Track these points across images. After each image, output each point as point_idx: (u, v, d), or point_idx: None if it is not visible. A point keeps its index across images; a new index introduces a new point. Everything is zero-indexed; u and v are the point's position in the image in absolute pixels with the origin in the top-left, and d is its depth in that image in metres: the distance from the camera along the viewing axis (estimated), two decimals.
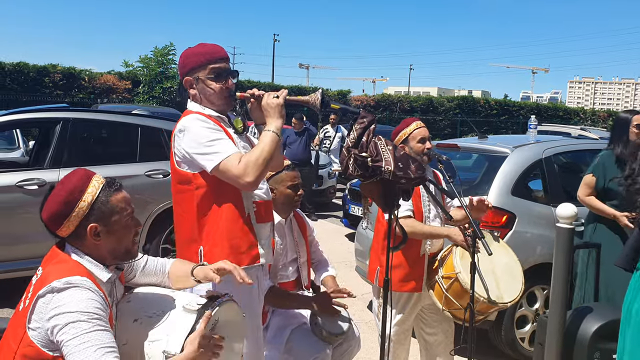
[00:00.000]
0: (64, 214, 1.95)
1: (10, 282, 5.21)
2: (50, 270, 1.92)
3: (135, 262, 2.27)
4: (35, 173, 5.32)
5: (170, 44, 21.89)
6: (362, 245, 5.48)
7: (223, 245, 2.46)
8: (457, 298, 3.17)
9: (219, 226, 2.46)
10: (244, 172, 2.35)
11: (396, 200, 2.66)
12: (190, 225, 2.51)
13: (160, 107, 16.92)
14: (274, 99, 2.47)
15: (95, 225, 1.97)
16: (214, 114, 2.55)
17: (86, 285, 1.85)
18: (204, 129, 2.43)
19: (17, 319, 1.92)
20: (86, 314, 1.78)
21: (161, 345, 1.96)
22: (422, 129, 3.39)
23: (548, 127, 13.95)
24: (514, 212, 4.46)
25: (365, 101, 26.99)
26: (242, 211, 2.50)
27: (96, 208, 1.97)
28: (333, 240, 8.43)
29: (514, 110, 29.09)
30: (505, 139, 6.04)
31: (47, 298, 1.82)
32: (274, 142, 2.44)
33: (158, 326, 2.02)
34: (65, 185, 1.99)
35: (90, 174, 2.03)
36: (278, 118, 2.47)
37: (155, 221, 5.82)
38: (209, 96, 2.56)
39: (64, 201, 1.95)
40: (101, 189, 1.99)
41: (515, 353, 4.48)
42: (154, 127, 6.11)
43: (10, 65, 19.20)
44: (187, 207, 2.51)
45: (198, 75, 2.54)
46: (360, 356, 4.00)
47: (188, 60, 2.57)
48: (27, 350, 1.84)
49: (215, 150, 2.39)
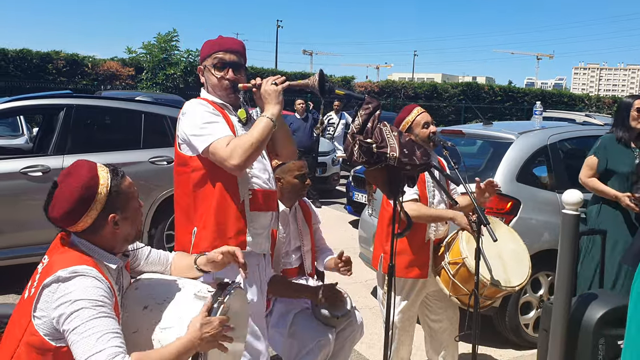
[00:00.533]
0: (82, 210, 1.93)
1: (14, 268, 5.24)
2: (56, 259, 1.91)
3: (140, 250, 2.28)
4: (39, 160, 5.32)
5: (173, 30, 21.87)
6: (365, 232, 5.48)
7: (212, 228, 2.50)
8: (464, 283, 3.16)
9: (210, 208, 2.51)
10: (230, 155, 2.38)
11: (401, 187, 2.65)
12: (187, 205, 2.58)
13: (164, 94, 16.90)
14: (272, 86, 2.49)
15: (114, 214, 1.97)
16: (218, 102, 2.61)
17: (92, 274, 1.85)
18: (201, 112, 2.50)
19: (22, 308, 1.92)
20: (90, 302, 1.78)
21: (174, 332, 1.96)
22: (423, 114, 3.37)
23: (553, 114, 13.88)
24: (519, 198, 4.45)
25: (369, 87, 26.91)
26: (235, 196, 2.52)
27: (112, 197, 1.97)
28: (336, 227, 8.43)
29: (519, 97, 28.96)
30: (510, 125, 6.01)
31: (53, 287, 1.82)
32: (267, 127, 2.46)
33: (169, 313, 2.02)
34: (76, 180, 1.94)
35: (93, 164, 2.01)
36: (275, 104, 2.49)
37: (160, 208, 5.82)
38: (211, 85, 2.64)
39: (81, 196, 1.92)
40: (111, 178, 1.99)
41: (519, 339, 4.49)
42: (157, 114, 6.11)
43: (13, 52, 19.18)
44: (184, 188, 2.58)
45: (206, 64, 2.63)
46: (364, 342, 4.02)
47: (202, 49, 2.68)
48: (31, 339, 1.84)
49: (208, 132, 2.44)
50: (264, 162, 2.68)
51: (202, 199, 2.52)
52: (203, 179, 2.52)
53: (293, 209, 3.35)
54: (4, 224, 5.12)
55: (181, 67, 21.17)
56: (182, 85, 20.87)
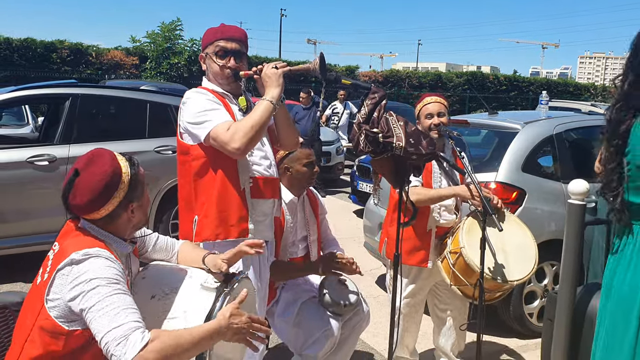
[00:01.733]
0: (107, 197, 1.95)
1: (22, 257, 5.27)
2: (68, 243, 1.93)
3: (148, 237, 2.30)
4: (46, 149, 5.33)
5: (177, 19, 21.77)
6: (370, 221, 5.49)
7: (213, 216, 2.53)
8: (463, 274, 3.16)
9: (212, 197, 2.53)
10: (231, 138, 2.40)
11: (407, 177, 2.65)
12: (188, 194, 2.61)
13: (168, 83, 16.89)
14: (272, 69, 2.51)
15: (132, 203, 2.02)
16: (219, 90, 2.62)
17: (104, 254, 1.88)
18: (201, 100, 2.52)
19: (34, 293, 1.94)
20: (105, 279, 1.80)
21: (180, 323, 1.97)
22: (432, 104, 3.35)
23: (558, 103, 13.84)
24: (524, 188, 4.44)
25: (373, 77, 26.82)
26: (236, 184, 2.54)
27: (132, 186, 2.01)
28: (341, 217, 8.44)
29: (524, 86, 28.82)
30: (515, 115, 5.99)
31: (67, 270, 1.84)
32: (267, 110, 2.47)
33: (176, 303, 2.03)
34: (99, 168, 1.96)
35: (113, 154, 2.03)
36: (276, 87, 2.50)
37: (165, 197, 5.84)
38: (213, 73, 2.65)
39: (107, 184, 1.94)
40: (130, 167, 2.02)
41: (523, 328, 4.50)
42: (162, 103, 6.11)
43: (17, 41, 19.16)
44: (186, 177, 2.60)
45: (208, 51, 2.64)
46: (369, 331, 4.04)
47: (204, 37, 2.69)
48: (44, 323, 1.86)
49: (208, 119, 2.46)
50: (264, 149, 2.69)
51: (203, 188, 2.55)
52: (204, 167, 2.54)
53: (301, 198, 3.36)
54: (11, 213, 5.14)
55: (185, 57, 21.12)
56: (186, 75, 20.83)
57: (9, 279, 5.16)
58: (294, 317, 3.19)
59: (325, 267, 3.15)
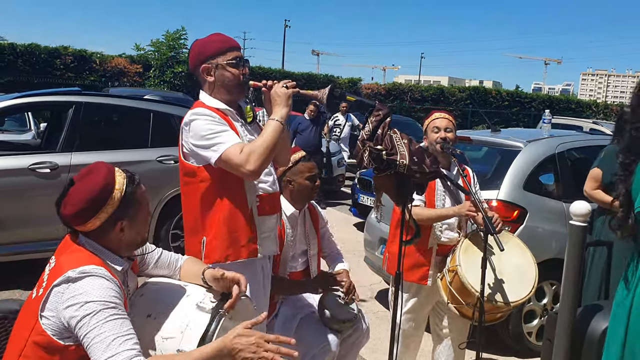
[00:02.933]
0: (93, 211, 1.93)
1: (21, 264, 5.27)
2: (64, 259, 1.91)
3: (149, 254, 2.28)
4: (48, 156, 5.34)
5: (182, 28, 21.88)
6: (371, 236, 5.48)
7: (223, 238, 2.50)
8: (459, 293, 3.15)
9: (221, 219, 2.50)
10: (245, 161, 2.37)
11: (410, 194, 2.65)
12: (195, 215, 2.57)
13: (171, 92, 16.95)
14: (282, 88, 2.49)
15: (122, 221, 1.97)
16: (222, 107, 2.56)
17: (101, 273, 1.85)
18: (207, 122, 2.46)
19: (29, 307, 1.92)
20: (102, 303, 1.78)
21: (175, 344, 1.96)
22: (440, 119, 3.39)
23: (560, 120, 13.87)
24: (526, 206, 4.45)
25: (375, 89, 26.89)
26: (244, 205, 2.53)
27: (124, 203, 1.97)
28: (341, 230, 8.43)
29: (526, 102, 28.88)
30: (518, 133, 6.00)
31: (63, 287, 1.82)
32: (278, 131, 2.45)
33: (172, 323, 2.01)
34: (92, 181, 1.95)
35: (111, 168, 2.02)
36: (284, 107, 2.48)
37: (166, 206, 5.85)
38: (226, 82, 2.57)
39: (94, 197, 1.92)
40: (126, 184, 1.99)
41: (522, 347, 4.49)
42: (166, 113, 6.13)
43: (22, 47, 19.25)
44: (192, 198, 2.56)
45: (217, 61, 2.55)
46: (369, 347, 4.02)
47: (207, 47, 2.57)
48: (38, 338, 1.84)
49: (218, 141, 2.42)
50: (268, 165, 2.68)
51: (211, 209, 2.52)
52: (211, 189, 2.50)
53: (302, 212, 3.35)
54: (11, 220, 5.14)
55: (187, 70, 21.21)
56: (189, 84, 20.92)
57: (7, 286, 5.15)
58: (292, 332, 3.17)
59: (323, 285, 3.15)
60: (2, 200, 5.08)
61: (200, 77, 2.60)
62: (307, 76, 24.96)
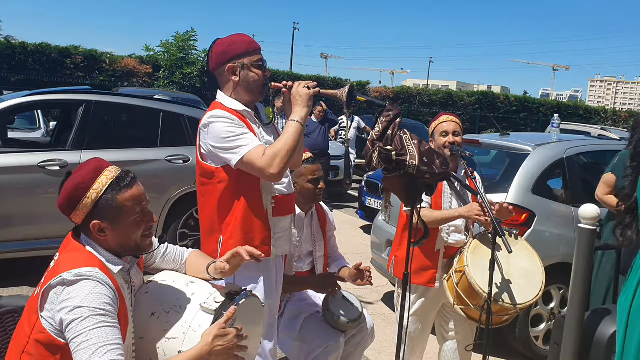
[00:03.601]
0: (72, 206, 1.95)
1: (29, 260, 5.30)
2: (63, 258, 1.92)
3: (155, 250, 2.28)
4: (57, 154, 5.37)
5: (191, 30, 21.92)
6: (378, 238, 5.48)
7: (239, 238, 2.52)
8: (466, 294, 3.14)
9: (237, 219, 2.52)
10: (268, 164, 2.38)
11: (419, 195, 2.66)
12: (212, 215, 2.59)
13: (181, 93, 16.99)
14: (304, 89, 2.49)
15: (98, 222, 1.93)
16: (240, 108, 2.56)
17: (96, 276, 1.83)
18: (227, 124, 2.46)
19: (32, 304, 1.93)
20: (91, 309, 1.77)
21: (177, 344, 1.96)
22: (448, 122, 3.38)
23: (568, 126, 13.82)
24: (534, 210, 4.44)
25: (384, 93, 26.86)
26: (259, 206, 2.55)
27: (100, 206, 1.93)
28: (348, 232, 8.43)
29: (534, 108, 28.75)
30: (527, 137, 6.00)
31: (58, 290, 1.82)
32: (299, 132, 2.46)
33: (175, 323, 2.01)
34: (76, 177, 1.97)
35: (102, 166, 1.99)
36: (304, 107, 2.49)
37: (174, 206, 5.87)
38: (250, 83, 2.57)
39: (71, 194, 1.94)
40: (109, 186, 1.94)
41: (529, 351, 4.47)
42: (175, 113, 6.14)
43: (32, 46, 19.34)
44: (210, 199, 2.58)
45: (244, 61, 2.55)
46: (374, 347, 4.03)
47: (233, 46, 2.56)
48: (39, 336, 1.85)
49: (239, 144, 2.42)
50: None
51: (227, 209, 2.54)
52: (228, 189, 2.52)
53: (309, 214, 3.36)
54: (21, 217, 5.18)
55: (198, 67, 21.26)
56: (198, 85, 20.96)
57: (16, 282, 5.19)
58: (297, 331, 3.18)
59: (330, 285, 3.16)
60: (12, 197, 5.11)
61: (222, 76, 2.59)
62: (315, 79, 24.98)
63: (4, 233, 5.12)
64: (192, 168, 5.03)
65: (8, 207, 5.12)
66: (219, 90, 2.63)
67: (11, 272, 5.34)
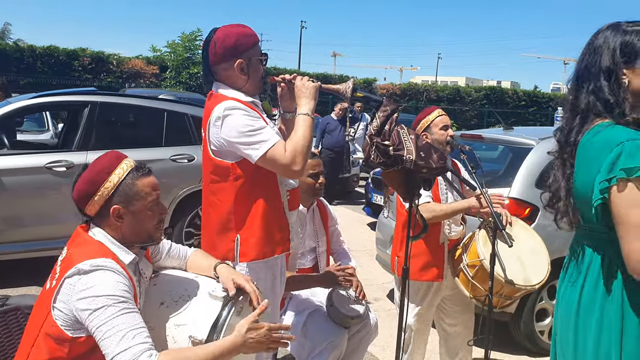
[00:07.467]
0: (90, 193, 2.00)
1: (37, 260, 5.34)
2: (74, 251, 1.96)
3: (160, 245, 2.31)
4: (64, 155, 5.43)
5: (197, 30, 22.06)
6: (383, 234, 5.49)
7: (260, 235, 2.45)
8: (482, 284, 3.14)
9: (257, 216, 2.45)
10: (292, 161, 2.34)
11: (417, 190, 2.66)
12: (227, 213, 2.47)
13: (187, 93, 17.07)
14: (310, 82, 2.48)
15: (118, 207, 1.99)
16: (248, 100, 2.47)
17: (111, 266, 1.88)
18: (244, 117, 2.35)
19: (43, 299, 1.97)
20: (112, 298, 1.81)
21: (187, 330, 2.00)
22: (443, 116, 3.37)
23: None
24: (537, 204, 4.42)
25: (391, 90, 26.85)
26: (278, 201, 2.52)
27: (121, 190, 2.00)
28: (355, 229, 8.44)
29: (543, 102, 28.66)
30: (530, 131, 5.97)
31: (74, 279, 1.86)
32: (311, 125, 2.43)
33: (184, 311, 2.05)
34: (96, 165, 2.05)
35: (121, 156, 2.08)
36: (311, 99, 2.46)
37: (180, 205, 5.91)
38: (255, 80, 2.51)
39: (91, 180, 2.00)
40: (129, 172, 2.02)
41: (533, 346, 4.46)
42: (180, 112, 6.18)
43: (41, 49, 19.52)
44: (224, 196, 2.47)
45: (251, 56, 2.48)
46: (379, 343, 4.03)
47: (243, 40, 2.45)
48: (50, 329, 1.89)
49: (260, 139, 2.34)
50: None
51: (245, 206, 2.45)
52: (246, 185, 2.43)
53: (311, 209, 3.37)
54: (28, 217, 5.24)
55: None
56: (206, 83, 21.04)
57: (25, 282, 5.24)
58: (300, 327, 3.20)
59: (331, 282, 3.18)
60: (20, 198, 5.17)
61: (227, 70, 2.47)
62: (323, 77, 25.01)
63: (12, 233, 5.19)
64: (197, 167, 5.06)
65: (17, 208, 5.18)
66: (221, 84, 2.51)
67: (19, 272, 5.39)
